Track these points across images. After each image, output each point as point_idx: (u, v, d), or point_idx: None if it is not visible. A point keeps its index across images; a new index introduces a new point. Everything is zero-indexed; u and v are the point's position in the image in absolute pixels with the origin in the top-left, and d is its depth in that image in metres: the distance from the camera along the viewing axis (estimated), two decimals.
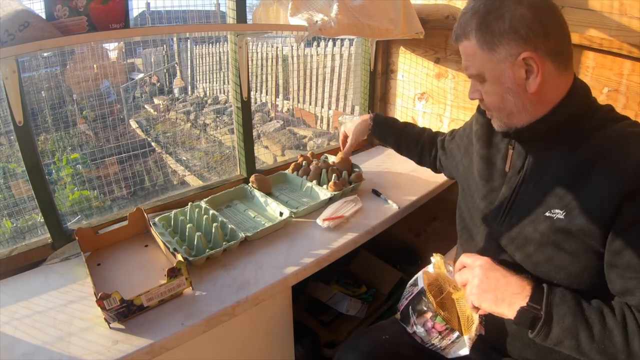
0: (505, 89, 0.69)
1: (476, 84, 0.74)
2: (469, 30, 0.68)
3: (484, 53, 0.68)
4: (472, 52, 0.69)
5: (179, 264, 0.85)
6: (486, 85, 0.71)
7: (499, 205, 0.78)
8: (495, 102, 0.71)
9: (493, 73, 0.68)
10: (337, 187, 1.29)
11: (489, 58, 0.67)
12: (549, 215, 0.68)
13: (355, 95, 2.07)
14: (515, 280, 0.66)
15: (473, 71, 0.71)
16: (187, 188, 1.36)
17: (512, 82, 0.67)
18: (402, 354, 0.84)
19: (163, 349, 0.77)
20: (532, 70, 0.65)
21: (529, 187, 0.73)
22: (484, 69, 0.69)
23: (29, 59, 2.38)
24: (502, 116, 0.73)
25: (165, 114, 5.03)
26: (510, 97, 0.69)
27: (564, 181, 0.68)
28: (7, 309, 0.84)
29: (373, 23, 1.27)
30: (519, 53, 0.65)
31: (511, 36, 0.64)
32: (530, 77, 0.66)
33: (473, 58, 0.70)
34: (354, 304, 1.43)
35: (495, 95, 0.70)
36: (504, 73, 0.67)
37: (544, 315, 0.61)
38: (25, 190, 1.72)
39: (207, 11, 2.28)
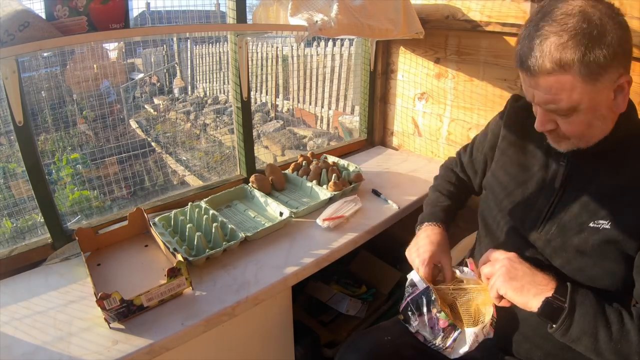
0: (597, 115, 0.63)
1: (552, 114, 0.65)
2: (569, 63, 0.58)
3: (585, 85, 0.59)
4: (568, 86, 0.60)
5: (179, 264, 0.85)
6: (574, 116, 0.63)
7: (537, 212, 0.77)
8: (579, 130, 0.65)
9: (591, 103, 0.61)
10: (337, 187, 1.29)
11: (591, 89, 0.59)
12: (593, 225, 0.68)
13: (355, 95, 2.07)
14: (541, 274, 0.67)
15: (563, 105, 0.62)
16: (187, 188, 1.36)
17: (606, 107, 0.63)
18: (404, 355, 0.84)
19: (163, 349, 0.77)
20: (623, 90, 0.61)
21: (571, 197, 0.72)
22: (581, 101, 0.61)
23: (29, 59, 2.38)
24: (581, 142, 0.68)
25: (165, 114, 5.03)
26: (599, 123, 0.65)
27: (608, 194, 0.68)
28: (7, 309, 0.84)
29: (373, 23, 1.27)
30: (619, 77, 0.60)
31: (616, 62, 0.58)
32: (618, 97, 0.62)
33: (569, 92, 0.60)
34: (354, 304, 1.43)
35: (584, 124, 0.64)
36: (601, 101, 0.61)
37: (568, 308, 0.62)
38: (25, 190, 1.72)
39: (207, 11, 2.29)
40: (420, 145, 1.72)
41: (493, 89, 1.42)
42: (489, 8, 1.33)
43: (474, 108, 1.49)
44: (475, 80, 1.46)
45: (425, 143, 1.70)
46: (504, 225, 0.83)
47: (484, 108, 1.46)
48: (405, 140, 1.78)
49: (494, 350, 0.83)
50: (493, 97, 1.42)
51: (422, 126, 1.70)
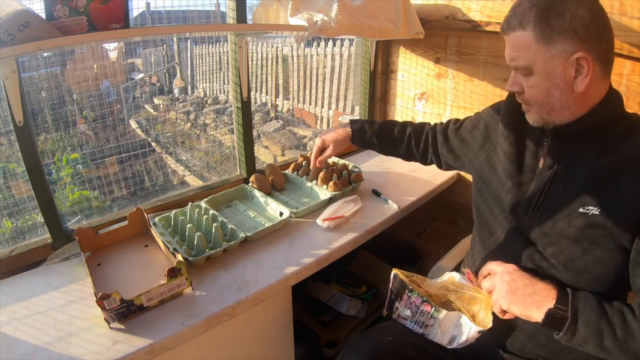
0: (553, 84, 0.69)
1: (518, 76, 0.73)
2: (527, 21, 0.68)
3: (539, 46, 0.68)
4: (525, 44, 0.69)
5: (179, 264, 0.85)
6: (532, 79, 0.71)
7: (528, 200, 0.79)
8: (539, 97, 0.72)
9: (544, 67, 0.69)
10: (337, 187, 1.29)
11: (544, 52, 0.68)
12: (583, 211, 0.70)
13: (355, 95, 2.07)
14: (541, 284, 0.70)
15: (521, 63, 0.71)
16: (187, 188, 1.36)
17: (561, 78, 0.68)
18: (405, 354, 0.84)
19: (163, 349, 0.77)
20: (582, 70, 0.67)
21: (561, 184, 0.75)
22: (536, 62, 0.69)
23: (29, 59, 2.38)
24: (542, 111, 0.74)
25: (165, 114, 5.03)
26: (556, 93, 0.70)
27: (597, 180, 0.70)
28: (7, 309, 0.84)
29: (373, 23, 1.27)
30: (574, 52, 0.66)
31: (570, 34, 0.65)
32: (579, 76, 0.67)
33: (525, 50, 0.69)
34: (354, 304, 1.44)
35: (541, 89, 0.71)
36: (555, 69, 0.68)
37: (571, 317, 0.65)
38: (25, 190, 1.72)
39: (207, 11, 2.28)
40: None
41: (493, 89, 1.42)
42: (489, 8, 1.33)
43: (474, 108, 1.49)
44: (475, 80, 1.46)
45: None
46: (499, 215, 0.85)
47: (484, 108, 1.46)
48: None
49: (498, 349, 0.84)
50: (493, 97, 1.42)
51: None
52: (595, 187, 0.70)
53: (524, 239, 0.79)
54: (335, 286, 1.50)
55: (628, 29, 1.06)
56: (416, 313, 0.81)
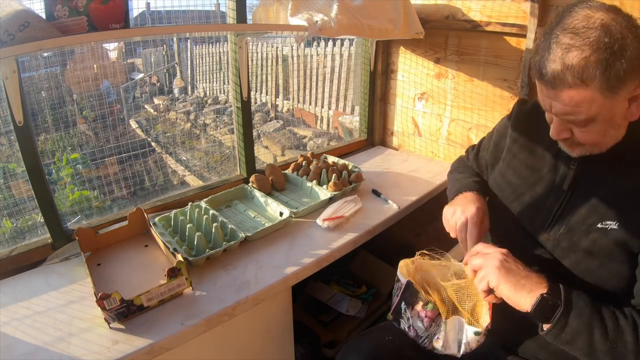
0: (612, 125, 0.65)
1: (568, 124, 0.67)
2: (590, 76, 0.59)
3: (605, 99, 0.60)
4: (588, 99, 0.61)
5: (179, 264, 0.85)
6: (591, 125, 0.64)
7: (546, 213, 0.77)
8: (596, 139, 0.67)
9: (609, 115, 0.63)
10: (337, 187, 1.29)
11: (610, 102, 0.61)
12: (601, 226, 0.68)
13: (355, 95, 2.07)
14: (533, 272, 0.67)
15: (581, 117, 0.63)
16: (187, 188, 1.36)
17: (621, 117, 0.64)
18: (405, 355, 0.84)
19: (163, 349, 0.77)
20: (637, 99, 0.62)
21: (580, 199, 0.73)
22: (599, 114, 0.62)
23: (29, 59, 2.38)
24: (594, 149, 0.69)
25: (165, 114, 5.03)
26: (613, 131, 0.66)
27: (616, 196, 0.69)
28: (7, 309, 0.84)
29: (373, 23, 1.27)
30: (635, 88, 0.61)
31: (633, 75, 0.59)
32: (632, 105, 0.63)
33: (588, 105, 0.61)
34: (354, 304, 1.43)
35: (599, 133, 0.65)
36: (617, 111, 0.63)
37: (563, 305, 0.61)
38: (25, 190, 1.72)
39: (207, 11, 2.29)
40: (420, 146, 1.72)
41: (493, 89, 1.42)
42: (489, 8, 1.33)
43: (474, 108, 1.49)
44: (475, 80, 1.46)
45: (425, 143, 1.70)
46: (512, 226, 0.83)
47: (484, 108, 1.46)
48: (405, 140, 1.78)
49: (500, 350, 0.84)
50: (493, 97, 1.42)
51: (422, 126, 1.70)
52: (615, 203, 0.69)
53: (541, 250, 0.77)
54: (335, 286, 1.50)
55: None
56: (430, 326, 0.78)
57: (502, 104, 1.40)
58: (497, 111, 1.42)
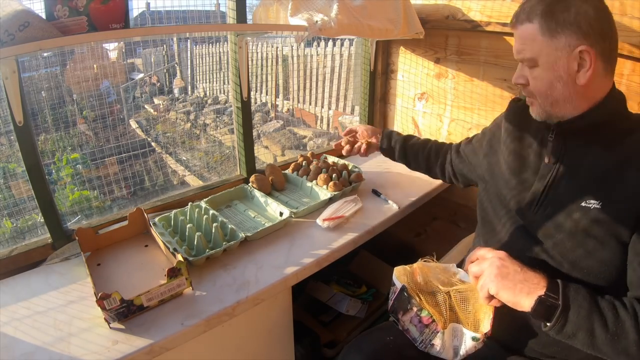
0: (556, 76, 0.71)
1: (524, 68, 0.76)
2: (534, 14, 0.70)
3: (544, 38, 0.70)
4: (531, 36, 0.71)
5: (179, 264, 0.85)
6: (537, 70, 0.73)
7: (532, 196, 0.80)
8: (543, 88, 0.74)
9: (548, 59, 0.71)
10: (337, 187, 1.29)
11: (548, 44, 0.70)
12: (584, 205, 0.71)
13: (355, 95, 2.07)
14: (531, 273, 0.68)
15: (527, 55, 0.73)
16: (187, 188, 1.36)
17: (564, 71, 0.70)
18: (406, 355, 0.84)
19: (163, 349, 0.77)
20: (585, 64, 0.69)
21: (564, 179, 0.76)
22: (540, 54, 0.71)
23: (29, 59, 2.38)
24: (546, 103, 0.75)
25: (165, 114, 5.02)
26: (559, 85, 0.72)
27: (599, 176, 0.71)
28: (7, 309, 0.84)
29: (373, 23, 1.27)
30: (577, 45, 0.68)
31: (574, 28, 0.68)
32: (581, 70, 0.69)
33: (531, 42, 0.72)
34: (354, 304, 1.43)
35: (545, 81, 0.73)
36: (558, 61, 0.70)
37: (562, 304, 0.63)
38: (25, 190, 1.72)
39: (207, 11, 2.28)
40: None
41: (493, 89, 1.42)
42: (489, 8, 1.33)
43: (474, 108, 1.49)
44: (475, 80, 1.46)
45: None
46: (504, 214, 0.86)
47: (484, 108, 1.46)
48: None
49: (502, 350, 0.84)
50: (493, 97, 1.42)
51: (422, 126, 1.70)
52: (598, 182, 0.71)
53: (529, 235, 0.79)
54: (335, 286, 1.50)
55: (628, 29, 1.06)
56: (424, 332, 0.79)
57: (502, 104, 1.40)
58: (497, 111, 1.42)
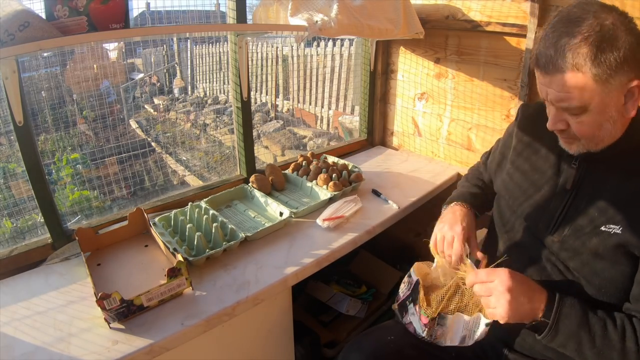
0: (607, 117, 0.66)
1: (564, 114, 0.68)
2: (581, 61, 0.61)
3: (596, 85, 0.62)
4: (580, 85, 0.63)
5: (179, 264, 0.85)
6: (584, 116, 0.66)
7: (550, 214, 0.78)
8: (590, 132, 0.68)
9: (601, 104, 0.64)
10: (337, 187, 1.29)
11: (602, 90, 0.63)
12: (605, 229, 0.69)
13: (355, 95, 2.07)
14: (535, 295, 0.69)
15: (574, 104, 0.65)
16: (187, 188, 1.36)
17: (616, 110, 0.65)
18: (406, 355, 0.84)
19: (163, 349, 0.77)
20: (633, 95, 0.64)
21: (583, 202, 0.74)
22: (592, 101, 0.64)
23: (29, 59, 2.38)
24: (590, 144, 0.71)
25: (165, 114, 5.03)
26: (608, 125, 0.67)
27: (620, 200, 0.69)
28: (7, 309, 0.84)
29: (373, 23, 1.27)
30: (629, 81, 0.63)
31: (626, 67, 0.61)
32: (629, 102, 0.65)
33: (580, 91, 0.63)
34: (354, 304, 1.43)
35: (594, 125, 0.67)
36: (611, 102, 0.64)
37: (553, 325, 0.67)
38: (25, 190, 1.72)
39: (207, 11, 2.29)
40: (420, 145, 1.72)
41: (493, 89, 1.42)
42: (489, 8, 1.33)
43: (474, 108, 1.49)
44: (475, 80, 1.46)
45: (425, 143, 1.70)
46: (519, 227, 0.84)
47: (484, 108, 1.46)
48: (405, 140, 1.78)
49: (498, 345, 0.84)
50: (493, 97, 1.42)
51: (422, 126, 1.70)
52: (619, 206, 0.69)
53: (547, 251, 0.78)
54: (335, 286, 1.50)
55: None
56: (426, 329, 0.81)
57: (502, 104, 1.40)
58: (497, 111, 1.42)
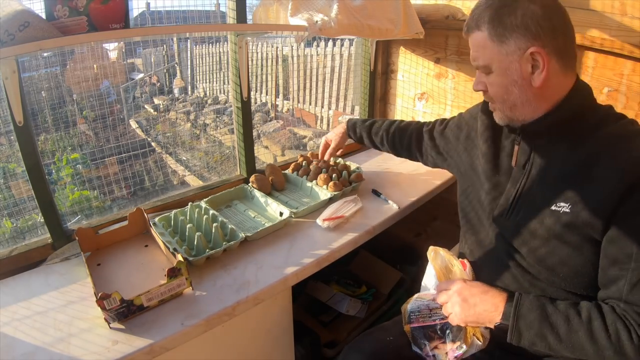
0: (510, 81, 0.71)
1: (481, 75, 0.76)
2: (482, 22, 0.70)
3: (493, 45, 0.70)
4: (482, 44, 0.72)
5: (179, 264, 0.85)
6: (492, 76, 0.73)
7: (505, 201, 0.80)
8: (499, 93, 0.74)
9: (500, 65, 0.71)
10: (337, 187, 1.29)
11: (498, 50, 0.70)
12: (554, 209, 0.70)
13: (355, 95, 2.07)
14: (489, 299, 0.74)
15: (481, 62, 0.73)
16: (187, 188, 1.36)
17: (518, 75, 0.70)
18: (405, 355, 0.84)
19: (163, 349, 0.77)
20: (538, 65, 0.68)
21: (534, 183, 0.76)
22: (492, 60, 0.71)
23: (29, 59, 2.38)
24: (505, 108, 0.75)
25: (165, 114, 5.02)
26: (515, 89, 0.71)
27: (568, 176, 0.70)
28: (7, 309, 0.84)
29: (373, 23, 1.27)
30: (527, 47, 0.67)
31: (522, 31, 0.67)
32: (535, 72, 0.69)
33: (482, 49, 0.72)
34: (354, 304, 1.43)
35: (501, 86, 0.73)
36: (511, 66, 0.70)
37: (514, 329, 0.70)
38: (25, 190, 1.72)
39: (207, 11, 2.28)
40: None
41: None
42: None
43: None
44: None
45: None
46: (482, 215, 0.86)
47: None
48: None
49: (494, 348, 0.84)
50: None
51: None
52: (567, 182, 0.70)
53: (504, 239, 0.79)
54: (335, 286, 1.50)
55: (628, 29, 1.06)
56: None
57: None
58: None
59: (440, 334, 0.82)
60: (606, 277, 0.67)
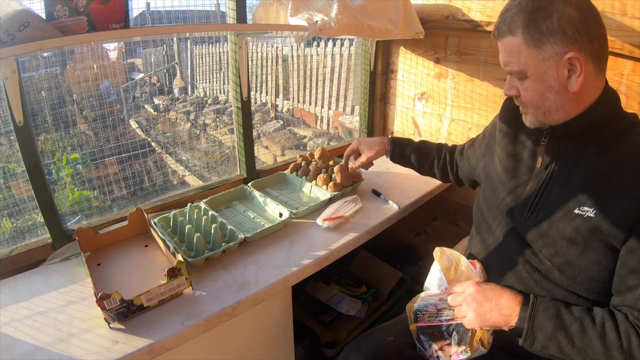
0: (547, 86, 0.70)
1: (514, 80, 0.74)
2: (515, 27, 0.68)
3: (529, 50, 0.68)
4: (516, 49, 0.70)
5: (179, 264, 0.85)
6: (526, 82, 0.72)
7: (525, 200, 0.79)
8: (534, 99, 0.72)
9: (537, 71, 0.69)
10: (337, 187, 1.29)
11: (534, 56, 0.68)
12: (578, 212, 0.70)
13: (355, 95, 2.07)
14: (504, 303, 0.73)
15: (515, 68, 0.72)
16: (187, 188, 1.35)
17: (554, 80, 0.69)
18: (406, 355, 0.84)
19: (163, 349, 0.77)
20: (575, 70, 0.67)
21: (557, 184, 0.75)
22: (528, 66, 0.70)
23: (29, 59, 2.38)
24: (538, 113, 0.74)
25: (165, 114, 5.02)
26: (551, 95, 0.70)
27: (593, 181, 0.70)
28: (7, 309, 0.84)
29: (373, 23, 1.27)
30: (564, 52, 0.66)
31: (559, 35, 0.65)
32: (572, 76, 0.68)
33: (517, 55, 0.70)
34: (354, 304, 1.43)
35: (536, 92, 0.71)
36: (547, 71, 0.68)
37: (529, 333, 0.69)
38: (25, 190, 1.72)
39: (207, 11, 2.28)
40: None
41: (493, 89, 1.42)
42: (489, 8, 1.33)
43: (474, 108, 1.49)
44: (475, 80, 1.46)
45: None
46: (498, 216, 0.86)
47: (484, 108, 1.46)
48: None
49: (496, 350, 0.83)
50: (493, 97, 1.42)
51: (422, 126, 1.70)
52: (592, 187, 0.70)
53: (521, 240, 0.79)
54: (335, 286, 1.50)
55: (628, 29, 1.06)
56: None
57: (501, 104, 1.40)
58: (497, 111, 1.42)
59: (447, 335, 0.82)
60: (622, 285, 0.67)
